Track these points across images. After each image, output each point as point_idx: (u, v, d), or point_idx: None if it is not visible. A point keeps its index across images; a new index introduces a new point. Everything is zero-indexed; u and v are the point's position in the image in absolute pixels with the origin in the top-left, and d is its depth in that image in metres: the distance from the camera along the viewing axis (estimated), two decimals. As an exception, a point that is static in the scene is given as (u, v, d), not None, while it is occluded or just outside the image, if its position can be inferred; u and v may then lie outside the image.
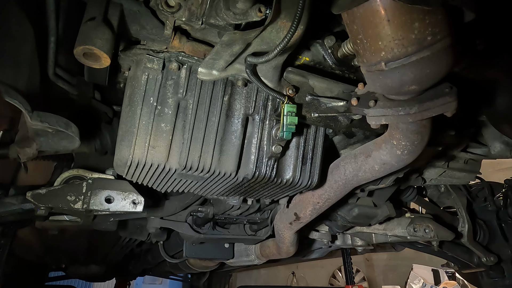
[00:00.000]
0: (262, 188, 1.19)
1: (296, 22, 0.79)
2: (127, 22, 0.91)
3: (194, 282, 4.74)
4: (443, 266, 2.44)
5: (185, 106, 0.99)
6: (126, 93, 0.99)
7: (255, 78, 0.95)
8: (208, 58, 0.93)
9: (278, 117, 1.03)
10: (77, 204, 1.20)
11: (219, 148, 1.01)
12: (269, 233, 1.78)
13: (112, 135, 1.29)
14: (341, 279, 6.71)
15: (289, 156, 1.12)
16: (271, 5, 0.83)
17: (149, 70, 0.96)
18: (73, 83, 1.14)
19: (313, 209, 1.37)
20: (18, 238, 2.21)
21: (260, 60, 0.87)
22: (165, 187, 1.15)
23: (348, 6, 0.83)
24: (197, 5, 0.87)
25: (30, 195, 1.18)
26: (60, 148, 1.02)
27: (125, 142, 0.95)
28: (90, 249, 2.90)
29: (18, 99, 0.84)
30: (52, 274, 4.17)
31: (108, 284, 6.03)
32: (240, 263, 2.16)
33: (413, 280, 6.15)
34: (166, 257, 2.17)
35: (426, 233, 1.75)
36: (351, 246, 2.12)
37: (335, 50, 1.07)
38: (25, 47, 0.93)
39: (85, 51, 0.81)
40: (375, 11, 0.79)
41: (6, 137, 1.03)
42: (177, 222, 1.67)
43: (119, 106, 1.24)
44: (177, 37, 0.95)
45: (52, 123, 0.91)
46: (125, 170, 1.00)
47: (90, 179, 1.24)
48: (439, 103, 0.88)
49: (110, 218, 1.56)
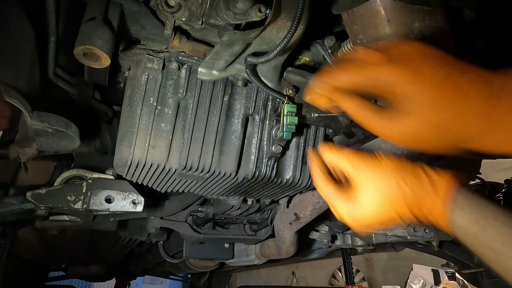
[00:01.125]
0: (262, 188, 1.19)
1: (296, 22, 0.79)
2: (127, 22, 0.91)
3: (194, 282, 4.74)
4: (443, 266, 2.44)
5: (185, 106, 0.99)
6: (126, 93, 0.99)
7: (255, 78, 0.95)
8: (208, 58, 0.93)
9: (278, 117, 1.03)
10: (77, 204, 1.20)
11: (219, 148, 1.01)
12: (269, 233, 1.78)
13: (112, 135, 1.29)
14: (341, 279, 6.71)
15: (289, 156, 1.13)
16: (271, 5, 0.83)
17: (149, 70, 0.96)
18: (73, 83, 1.14)
19: (313, 209, 1.37)
20: (18, 238, 2.21)
21: (260, 60, 0.87)
22: (165, 187, 1.15)
23: (348, 6, 0.83)
24: (197, 5, 0.87)
25: (30, 195, 1.18)
26: (60, 148, 1.02)
27: (125, 142, 0.95)
28: (90, 249, 2.90)
29: (18, 99, 0.84)
30: (52, 274, 4.16)
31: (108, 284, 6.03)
32: (240, 263, 2.16)
33: (413, 280, 6.15)
34: (166, 257, 2.17)
35: (426, 233, 1.75)
36: (351, 246, 2.12)
37: (335, 50, 1.07)
38: (25, 47, 0.93)
39: (85, 51, 0.81)
40: (375, 11, 0.79)
41: (6, 137, 1.03)
42: (177, 222, 1.67)
43: (119, 106, 1.24)
44: (177, 37, 0.95)
45: (52, 123, 0.91)
46: (125, 170, 1.00)
47: (90, 179, 1.24)
48: (439, 103, 0.88)
49: (110, 218, 1.56)
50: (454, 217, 0.67)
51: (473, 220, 0.65)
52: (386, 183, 0.71)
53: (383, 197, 0.71)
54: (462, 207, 0.66)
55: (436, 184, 0.69)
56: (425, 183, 0.69)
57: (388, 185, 0.71)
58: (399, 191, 0.70)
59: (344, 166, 0.78)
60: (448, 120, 0.62)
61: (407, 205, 0.70)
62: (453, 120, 0.62)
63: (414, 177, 0.70)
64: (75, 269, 3.72)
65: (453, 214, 0.67)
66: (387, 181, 0.71)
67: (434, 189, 0.68)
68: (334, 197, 0.77)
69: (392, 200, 0.70)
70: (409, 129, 0.64)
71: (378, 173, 0.73)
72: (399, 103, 0.63)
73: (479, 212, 0.65)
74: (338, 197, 0.76)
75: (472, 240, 0.66)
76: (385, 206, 0.71)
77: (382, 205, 0.71)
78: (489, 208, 0.65)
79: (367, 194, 0.73)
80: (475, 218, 0.65)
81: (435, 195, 0.68)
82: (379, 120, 0.66)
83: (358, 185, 0.74)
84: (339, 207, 0.76)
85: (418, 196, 0.69)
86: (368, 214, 0.73)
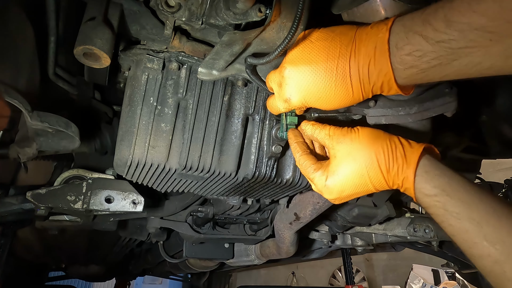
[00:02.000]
0: (262, 188, 1.19)
1: (296, 22, 0.79)
2: (127, 22, 0.91)
3: (194, 282, 4.74)
4: (443, 266, 2.44)
5: (185, 106, 0.99)
6: (126, 93, 0.99)
7: (255, 78, 0.95)
8: (208, 58, 0.93)
9: (278, 117, 1.03)
10: (77, 204, 1.20)
11: (219, 148, 1.01)
12: (269, 233, 1.78)
13: (112, 135, 1.29)
14: (341, 279, 6.71)
15: (289, 156, 1.13)
16: (271, 5, 0.83)
17: (149, 70, 0.96)
18: (73, 83, 1.14)
19: (313, 209, 1.37)
20: (18, 238, 2.21)
21: (261, 61, 0.87)
22: (165, 187, 1.15)
23: (348, 6, 0.83)
24: (197, 5, 0.87)
25: (30, 195, 1.18)
26: (60, 148, 1.02)
27: (125, 142, 0.95)
28: (90, 249, 2.90)
29: (18, 99, 0.84)
30: (52, 274, 4.17)
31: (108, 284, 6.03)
32: (240, 263, 2.16)
33: (413, 280, 6.15)
34: (166, 257, 2.17)
35: (426, 233, 1.75)
36: (351, 246, 2.12)
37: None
38: (25, 47, 0.93)
39: (85, 51, 0.81)
40: (375, 11, 0.79)
41: (6, 137, 1.03)
42: (177, 222, 1.67)
43: (119, 106, 1.24)
44: (177, 37, 0.95)
45: (52, 123, 0.91)
46: (125, 170, 1.00)
47: (90, 179, 1.24)
48: (439, 103, 0.88)
49: (110, 218, 1.56)
50: (418, 180, 0.71)
51: (436, 184, 0.69)
52: (363, 152, 0.76)
53: (359, 166, 0.76)
54: (428, 171, 0.71)
55: (408, 153, 0.73)
56: (399, 151, 0.74)
57: (365, 154, 0.75)
58: (375, 159, 0.74)
59: (324, 139, 0.84)
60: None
61: (381, 172, 0.74)
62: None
63: (389, 146, 0.74)
64: (75, 269, 3.72)
65: (418, 178, 0.71)
66: (364, 150, 0.76)
67: (406, 156, 0.73)
68: (310, 169, 0.83)
69: (368, 168, 0.75)
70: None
71: (356, 144, 0.77)
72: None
73: (443, 177, 0.70)
74: (314, 168, 0.83)
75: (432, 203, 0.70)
76: (361, 174, 0.76)
77: (358, 172, 0.76)
78: (453, 176, 0.70)
79: (343, 164, 0.78)
80: (438, 182, 0.69)
81: (405, 161, 0.73)
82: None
83: (337, 156, 0.79)
84: (315, 178, 0.82)
85: (391, 163, 0.73)
86: (342, 183, 0.78)
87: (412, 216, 1.82)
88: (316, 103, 0.80)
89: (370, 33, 0.71)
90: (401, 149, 0.74)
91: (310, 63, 0.77)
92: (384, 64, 0.68)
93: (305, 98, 0.80)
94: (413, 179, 0.71)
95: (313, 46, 0.78)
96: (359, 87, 0.73)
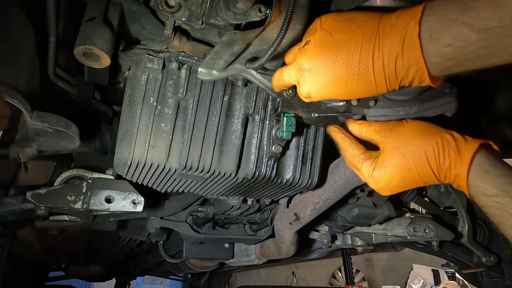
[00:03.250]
0: (262, 188, 1.19)
1: (286, 23, 0.78)
2: (127, 22, 0.91)
3: (194, 282, 4.74)
4: (443, 266, 2.44)
5: (185, 106, 0.99)
6: (126, 93, 0.99)
7: (255, 78, 0.95)
8: (208, 58, 0.93)
9: (278, 117, 1.03)
10: (77, 204, 1.20)
11: (219, 148, 1.01)
12: (269, 233, 1.78)
13: (112, 135, 1.29)
14: (341, 279, 6.72)
15: (289, 156, 1.12)
16: (271, 5, 0.83)
17: (149, 70, 0.96)
18: (73, 83, 1.14)
19: (313, 209, 1.37)
20: (18, 238, 2.21)
21: (255, 66, 0.87)
22: (165, 187, 1.15)
23: (348, 6, 0.83)
24: (197, 5, 0.87)
25: (30, 195, 1.18)
26: (60, 148, 1.02)
27: (125, 142, 0.95)
28: (90, 249, 2.90)
29: (18, 99, 0.84)
30: (52, 274, 4.16)
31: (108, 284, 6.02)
32: (240, 263, 2.16)
33: (413, 280, 6.16)
34: (166, 257, 2.17)
35: (426, 233, 1.75)
36: (351, 246, 2.12)
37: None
38: (25, 47, 0.93)
39: (85, 51, 0.81)
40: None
41: (6, 137, 1.03)
42: (177, 222, 1.67)
43: (119, 106, 1.24)
44: (177, 37, 0.95)
45: (52, 123, 0.91)
46: (125, 170, 1.00)
47: (90, 179, 1.24)
48: (439, 103, 0.88)
49: (110, 218, 1.56)
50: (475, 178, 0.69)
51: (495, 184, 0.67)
52: (412, 148, 0.75)
53: (407, 161, 0.75)
54: (486, 170, 0.68)
55: (462, 149, 0.71)
56: (452, 147, 0.72)
57: (413, 150, 0.74)
58: (424, 155, 0.73)
59: (372, 135, 0.84)
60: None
61: (430, 168, 0.73)
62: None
63: (440, 142, 0.73)
64: (75, 269, 3.72)
65: (475, 176, 0.68)
66: (412, 145, 0.75)
67: (460, 152, 0.71)
68: (359, 158, 0.84)
69: (416, 163, 0.74)
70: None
71: (404, 138, 0.77)
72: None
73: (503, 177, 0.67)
74: (362, 158, 0.83)
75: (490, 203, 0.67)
76: (408, 168, 0.75)
77: (405, 167, 0.75)
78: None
79: (391, 158, 0.77)
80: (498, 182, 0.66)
81: (458, 157, 0.70)
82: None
83: (385, 150, 0.79)
84: (362, 167, 0.83)
85: (442, 159, 0.71)
86: (388, 176, 0.77)
87: (412, 216, 1.82)
88: (337, 97, 0.79)
89: (395, 25, 0.64)
90: (454, 145, 0.71)
91: (330, 59, 0.72)
92: (415, 59, 0.63)
93: (326, 94, 0.77)
94: (466, 177, 0.68)
95: (333, 40, 0.72)
96: (384, 83, 0.69)
